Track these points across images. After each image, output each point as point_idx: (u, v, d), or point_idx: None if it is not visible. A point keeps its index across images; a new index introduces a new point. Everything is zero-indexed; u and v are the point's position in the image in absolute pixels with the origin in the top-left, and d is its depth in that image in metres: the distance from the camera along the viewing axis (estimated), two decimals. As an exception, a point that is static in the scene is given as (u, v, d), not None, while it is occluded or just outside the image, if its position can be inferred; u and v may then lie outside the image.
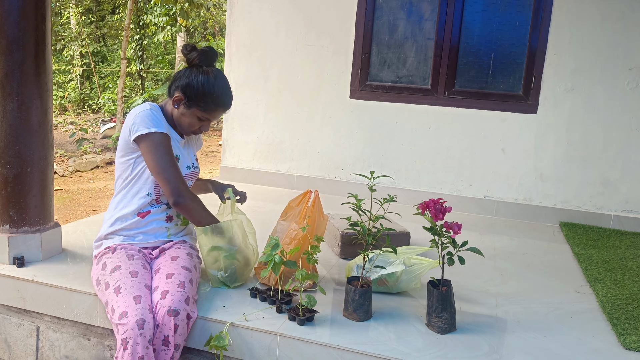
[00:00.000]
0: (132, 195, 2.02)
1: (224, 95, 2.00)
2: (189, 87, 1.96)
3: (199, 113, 1.99)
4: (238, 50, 4.26)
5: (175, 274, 1.87)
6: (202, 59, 1.99)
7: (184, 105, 1.99)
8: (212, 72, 1.98)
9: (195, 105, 1.97)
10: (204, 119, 2.01)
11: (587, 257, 2.91)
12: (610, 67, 3.53)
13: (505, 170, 3.81)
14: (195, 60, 1.99)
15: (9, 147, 2.19)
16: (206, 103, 1.97)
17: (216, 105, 1.99)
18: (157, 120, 1.94)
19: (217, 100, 1.98)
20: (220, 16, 13.31)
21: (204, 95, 1.95)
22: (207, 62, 2.00)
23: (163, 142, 1.92)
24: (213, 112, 2.00)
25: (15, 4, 2.12)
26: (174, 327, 1.73)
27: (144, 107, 1.97)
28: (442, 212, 1.83)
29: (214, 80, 1.97)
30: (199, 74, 1.96)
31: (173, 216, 2.11)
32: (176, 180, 1.92)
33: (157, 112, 1.98)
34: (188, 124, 2.01)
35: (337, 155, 4.12)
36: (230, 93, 2.03)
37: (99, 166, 7.58)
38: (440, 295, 1.88)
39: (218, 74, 2.00)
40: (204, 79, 1.95)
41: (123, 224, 2.03)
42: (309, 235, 2.07)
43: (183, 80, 1.98)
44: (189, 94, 1.96)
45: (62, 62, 14.26)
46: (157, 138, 1.91)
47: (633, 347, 1.90)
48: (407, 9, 3.89)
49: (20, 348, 2.22)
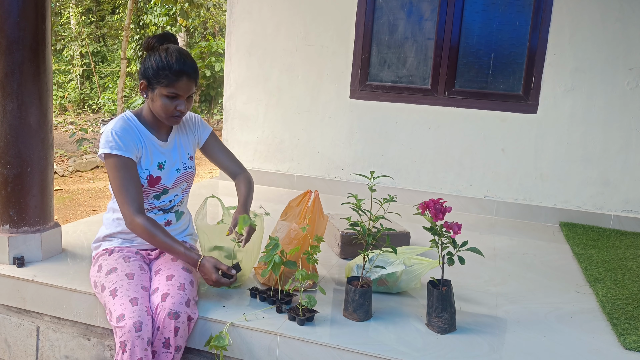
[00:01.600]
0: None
1: (179, 63, 1.87)
2: (145, 69, 1.90)
3: (164, 90, 1.88)
4: (238, 50, 4.26)
5: (176, 276, 1.86)
6: (157, 41, 1.93)
7: (149, 90, 1.92)
8: (162, 47, 1.91)
9: (157, 84, 1.88)
10: (172, 96, 1.89)
11: (587, 257, 2.91)
12: (610, 67, 3.53)
13: (505, 170, 3.81)
14: (151, 44, 1.93)
15: (9, 147, 2.19)
16: (165, 77, 1.86)
17: (176, 75, 1.86)
18: (117, 139, 1.88)
19: (174, 70, 1.86)
20: (220, 16, 13.31)
21: (159, 69, 1.86)
22: (161, 43, 1.93)
23: (117, 165, 1.87)
24: (176, 83, 1.87)
25: (15, 4, 2.12)
26: (175, 330, 1.73)
27: (116, 120, 1.94)
28: (442, 212, 1.83)
29: (165, 53, 1.88)
30: (151, 54, 1.91)
31: (172, 221, 2.09)
32: (128, 204, 1.85)
33: (129, 125, 1.93)
34: (161, 108, 1.90)
35: (337, 155, 4.12)
36: (188, 60, 1.90)
37: (99, 166, 7.58)
38: (440, 295, 1.88)
39: (170, 46, 1.91)
40: (155, 56, 1.88)
41: (121, 227, 2.01)
42: (309, 235, 2.07)
43: (141, 68, 1.93)
44: (148, 76, 1.89)
45: (62, 62, 14.26)
46: (111, 162, 1.88)
47: (633, 347, 1.90)
48: (407, 9, 3.89)
49: (20, 348, 2.22)
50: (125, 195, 1.86)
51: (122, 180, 1.87)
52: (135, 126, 1.96)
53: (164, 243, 1.87)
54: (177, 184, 2.05)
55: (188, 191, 2.16)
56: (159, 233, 1.87)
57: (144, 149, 1.96)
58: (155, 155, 1.99)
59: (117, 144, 1.87)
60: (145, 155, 1.96)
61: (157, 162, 1.99)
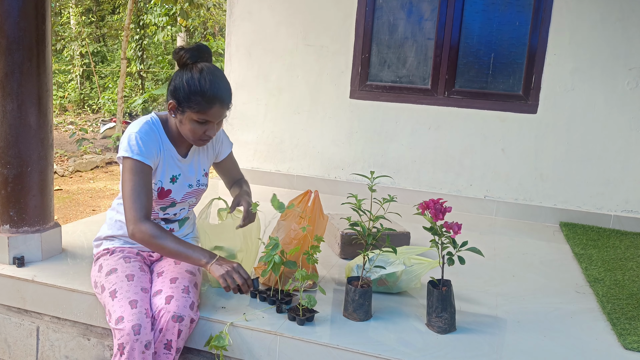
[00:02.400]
0: None
1: (214, 88, 1.76)
2: (176, 89, 1.78)
3: (193, 116, 1.78)
4: (238, 50, 4.26)
5: (180, 279, 1.84)
6: (191, 57, 1.80)
7: (178, 111, 1.81)
8: (196, 67, 1.78)
9: (188, 108, 1.77)
10: (202, 122, 1.80)
11: (587, 257, 2.91)
12: (610, 67, 3.53)
13: (505, 170, 3.81)
14: (184, 59, 1.80)
15: (9, 147, 2.19)
16: (197, 102, 1.76)
17: (208, 102, 1.76)
18: (141, 144, 1.79)
19: (207, 96, 1.75)
20: (220, 16, 13.31)
21: (191, 93, 1.75)
22: (195, 58, 1.81)
23: (133, 169, 1.78)
24: (207, 110, 1.77)
25: (15, 4, 2.12)
26: (178, 333, 1.72)
27: (141, 123, 1.85)
28: (442, 212, 1.83)
29: (199, 74, 1.76)
30: (184, 73, 1.78)
31: (174, 228, 2.06)
32: (135, 209, 1.76)
33: (153, 131, 1.85)
34: (190, 131, 1.82)
35: (337, 155, 4.12)
36: (222, 85, 1.79)
37: (99, 166, 7.58)
38: (440, 295, 1.88)
39: (204, 67, 1.78)
40: (188, 77, 1.76)
41: (123, 229, 1.98)
42: (309, 235, 2.07)
43: (171, 85, 1.82)
44: (178, 97, 1.78)
45: (62, 62, 14.26)
46: (129, 165, 1.78)
47: (633, 347, 1.90)
48: (407, 9, 3.89)
49: (20, 348, 2.22)
50: (134, 201, 1.77)
51: (136, 185, 1.78)
52: (159, 134, 1.88)
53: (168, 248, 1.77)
54: (185, 199, 2.01)
55: (195, 205, 2.13)
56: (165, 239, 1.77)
57: (162, 159, 1.88)
58: (171, 167, 1.92)
59: (140, 148, 1.79)
60: (161, 166, 1.89)
61: (171, 175, 1.92)
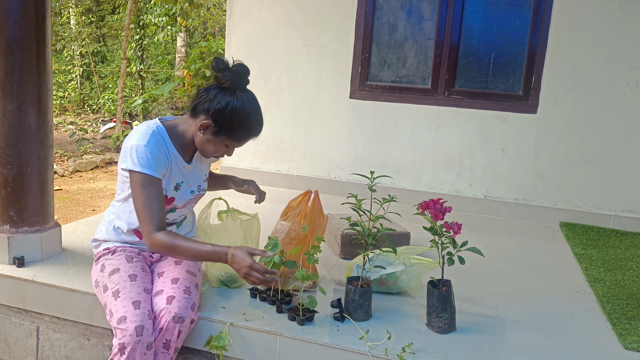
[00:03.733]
0: (128, 210, 1.95)
1: (257, 124, 1.85)
2: (221, 115, 1.78)
3: (227, 142, 1.85)
4: (238, 50, 4.26)
5: (181, 279, 1.85)
6: (235, 83, 1.79)
7: (211, 133, 1.82)
8: (247, 99, 1.81)
9: (225, 134, 1.82)
10: (231, 146, 1.89)
11: (587, 257, 2.91)
12: (610, 67, 3.53)
13: (505, 170, 3.81)
14: (227, 83, 1.79)
15: (9, 147, 2.19)
16: (238, 133, 1.83)
17: (248, 135, 1.85)
18: (150, 158, 1.77)
19: (249, 131, 1.84)
20: (220, 16, 13.30)
21: (239, 127, 1.81)
22: (240, 86, 1.82)
23: (143, 183, 1.77)
24: (243, 140, 1.87)
25: (15, 4, 2.12)
26: (178, 333, 1.73)
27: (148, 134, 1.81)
28: (442, 212, 1.83)
29: (250, 110, 1.81)
30: (233, 101, 1.78)
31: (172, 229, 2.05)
32: (149, 223, 1.76)
33: (160, 143, 1.82)
34: (214, 150, 1.88)
35: (337, 155, 4.12)
36: (262, 121, 1.87)
37: (99, 166, 7.58)
38: (440, 295, 1.88)
39: (252, 101, 1.83)
40: (240, 109, 1.78)
41: (120, 236, 1.98)
42: (309, 235, 2.07)
43: (214, 106, 1.78)
44: (220, 122, 1.79)
45: (62, 62, 14.25)
46: (138, 178, 1.77)
47: (633, 347, 1.90)
48: (407, 9, 3.89)
49: (20, 348, 2.22)
50: (147, 214, 1.77)
51: (147, 198, 1.77)
52: (166, 144, 1.86)
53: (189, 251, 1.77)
54: (186, 204, 2.01)
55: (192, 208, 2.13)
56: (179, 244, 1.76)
57: (169, 168, 1.88)
58: (176, 175, 1.92)
59: (149, 162, 1.77)
60: (168, 175, 1.89)
61: (175, 182, 1.92)
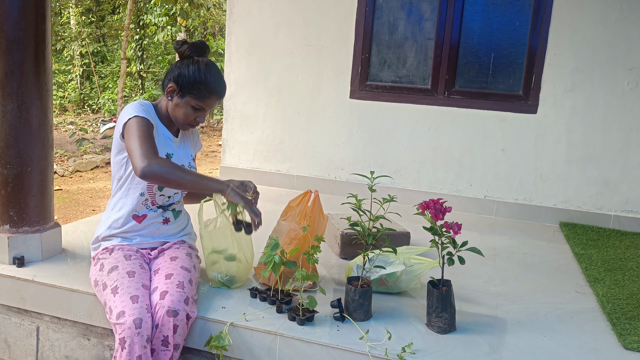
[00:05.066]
0: (126, 195, 2.02)
1: (217, 82, 1.99)
2: (181, 76, 1.96)
3: (192, 102, 1.97)
4: (238, 50, 4.26)
5: (175, 275, 1.87)
6: (192, 51, 1.99)
7: (177, 95, 1.98)
8: (202, 61, 1.99)
9: (189, 94, 1.96)
10: (198, 108, 1.99)
11: (587, 257, 2.91)
12: (610, 67, 3.53)
13: (505, 170, 3.81)
14: (187, 52, 2.00)
15: (9, 147, 2.19)
16: (199, 90, 1.96)
17: (209, 92, 1.97)
18: (140, 109, 1.93)
19: (209, 88, 1.97)
20: (220, 16, 13.31)
21: (196, 82, 1.95)
22: (197, 53, 2.01)
23: (139, 123, 1.87)
24: (207, 99, 1.98)
25: (15, 4, 2.12)
26: (174, 328, 1.73)
27: (136, 103, 1.98)
28: (442, 212, 1.83)
29: (205, 68, 1.97)
30: (190, 64, 1.97)
31: (170, 218, 2.10)
32: (141, 148, 1.79)
33: (147, 107, 1.99)
34: (183, 114, 1.99)
35: (337, 155, 4.12)
36: (223, 82, 2.03)
37: (99, 166, 7.58)
38: (440, 295, 1.88)
39: (209, 62, 2.01)
40: (195, 68, 1.96)
41: (120, 227, 2.03)
42: (309, 235, 2.07)
43: (175, 71, 1.98)
44: (182, 83, 1.96)
45: (62, 62, 14.26)
46: (133, 121, 1.87)
47: (633, 347, 1.90)
48: (407, 9, 3.89)
49: (20, 348, 2.22)
50: (141, 146, 1.80)
51: (143, 134, 1.84)
52: (153, 114, 2.01)
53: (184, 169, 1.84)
54: None
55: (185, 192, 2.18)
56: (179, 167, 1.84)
57: (157, 135, 2.00)
58: (165, 145, 2.03)
59: (144, 111, 1.92)
60: (157, 141, 1.98)
61: (165, 152, 2.02)
